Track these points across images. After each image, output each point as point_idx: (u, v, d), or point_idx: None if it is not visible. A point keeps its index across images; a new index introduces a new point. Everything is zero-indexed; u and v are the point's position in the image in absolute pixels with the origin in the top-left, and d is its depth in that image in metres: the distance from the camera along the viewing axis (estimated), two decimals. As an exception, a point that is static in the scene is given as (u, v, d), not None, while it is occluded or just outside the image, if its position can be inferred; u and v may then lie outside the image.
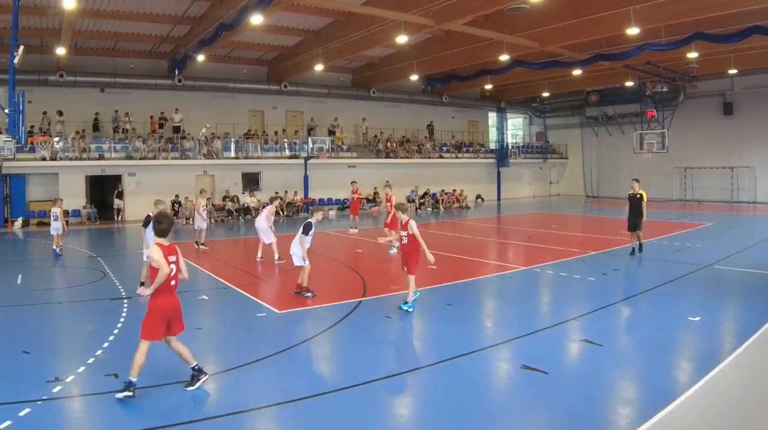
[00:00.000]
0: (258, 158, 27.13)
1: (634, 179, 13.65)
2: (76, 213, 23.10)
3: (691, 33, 19.94)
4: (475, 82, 30.64)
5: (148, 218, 9.38)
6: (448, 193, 31.50)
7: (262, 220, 13.15)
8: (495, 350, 6.73)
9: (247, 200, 25.71)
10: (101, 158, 23.75)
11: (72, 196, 22.32)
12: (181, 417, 4.85)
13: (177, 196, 24.23)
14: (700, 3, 17.06)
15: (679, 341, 7.05)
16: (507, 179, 37.72)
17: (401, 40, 19.60)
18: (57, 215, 14.18)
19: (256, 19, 16.99)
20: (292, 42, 25.23)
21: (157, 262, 5.12)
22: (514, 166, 37.51)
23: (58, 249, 14.32)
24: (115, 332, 7.28)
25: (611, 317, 8.21)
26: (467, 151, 35.86)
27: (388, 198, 16.32)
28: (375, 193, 28.92)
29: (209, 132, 26.18)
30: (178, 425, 4.72)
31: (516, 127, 43.59)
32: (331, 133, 29.98)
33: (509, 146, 38.43)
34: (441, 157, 33.75)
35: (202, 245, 15.15)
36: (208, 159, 25.66)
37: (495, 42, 21.65)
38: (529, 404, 5.20)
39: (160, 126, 26.12)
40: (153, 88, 25.85)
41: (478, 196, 34.36)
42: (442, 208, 29.87)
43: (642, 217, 12.87)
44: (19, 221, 21.77)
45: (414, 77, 27.84)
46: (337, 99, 31.13)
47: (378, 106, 32.95)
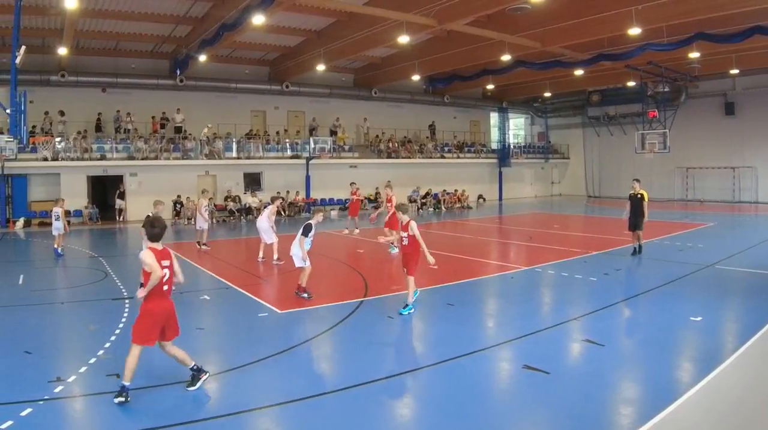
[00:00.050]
0: (260, 158, 27.14)
1: (635, 179, 13.61)
2: (78, 213, 23.12)
3: (692, 33, 19.95)
4: (477, 82, 30.63)
5: (148, 219, 9.38)
6: (449, 193, 31.44)
7: (264, 220, 13.16)
8: (496, 350, 6.72)
9: (248, 200, 25.72)
10: (103, 158, 23.79)
11: (74, 196, 22.37)
12: (183, 417, 4.86)
13: (179, 196, 24.31)
14: (702, 3, 17.05)
15: (680, 341, 7.04)
16: (509, 179, 37.69)
17: (403, 40, 19.60)
18: (58, 215, 14.17)
19: (258, 20, 17.01)
20: (294, 42, 25.25)
21: (150, 265, 5.11)
22: (516, 167, 37.52)
23: (59, 249, 14.33)
24: (116, 332, 7.28)
25: (613, 317, 8.20)
26: (469, 151, 35.85)
27: (388, 198, 16.32)
28: (376, 193, 28.90)
29: (211, 132, 26.19)
30: (180, 425, 4.72)
31: (518, 127, 43.53)
32: (332, 133, 30.01)
33: (511, 146, 38.44)
34: (443, 157, 33.74)
35: (203, 245, 15.13)
36: (210, 159, 25.67)
37: (497, 42, 21.65)
38: (531, 404, 5.19)
39: (162, 126, 26.15)
40: (155, 88, 25.88)
41: (480, 197, 34.32)
42: (443, 208, 29.84)
43: (643, 217, 12.84)
44: (21, 221, 21.80)
45: (416, 77, 27.83)
46: (339, 99, 31.14)
47: (380, 107, 32.96)
